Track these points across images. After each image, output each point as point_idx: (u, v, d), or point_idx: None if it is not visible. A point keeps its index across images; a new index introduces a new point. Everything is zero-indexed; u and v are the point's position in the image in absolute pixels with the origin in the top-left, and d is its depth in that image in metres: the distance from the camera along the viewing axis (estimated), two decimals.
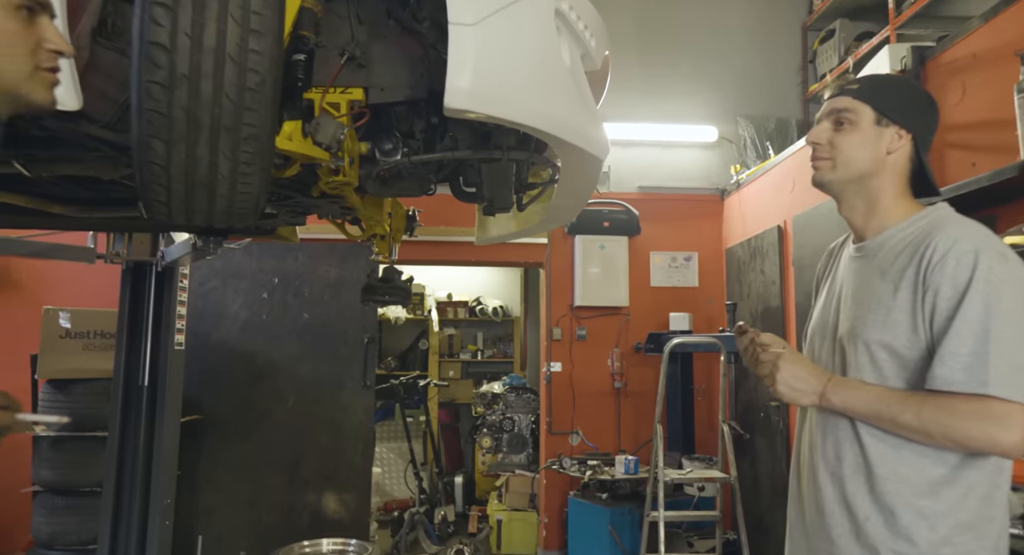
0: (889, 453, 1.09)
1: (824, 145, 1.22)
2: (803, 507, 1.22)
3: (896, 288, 1.11)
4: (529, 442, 4.75)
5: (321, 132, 1.53)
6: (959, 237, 1.07)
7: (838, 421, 1.15)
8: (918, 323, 1.08)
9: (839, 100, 1.22)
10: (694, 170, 4.56)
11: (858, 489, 1.11)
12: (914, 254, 1.11)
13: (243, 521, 3.94)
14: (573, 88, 1.55)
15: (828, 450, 1.17)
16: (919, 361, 1.08)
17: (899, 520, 1.07)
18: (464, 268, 6.56)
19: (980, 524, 1.07)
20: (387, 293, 2.56)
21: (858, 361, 1.14)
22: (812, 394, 1.13)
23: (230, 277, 4.20)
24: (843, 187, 1.22)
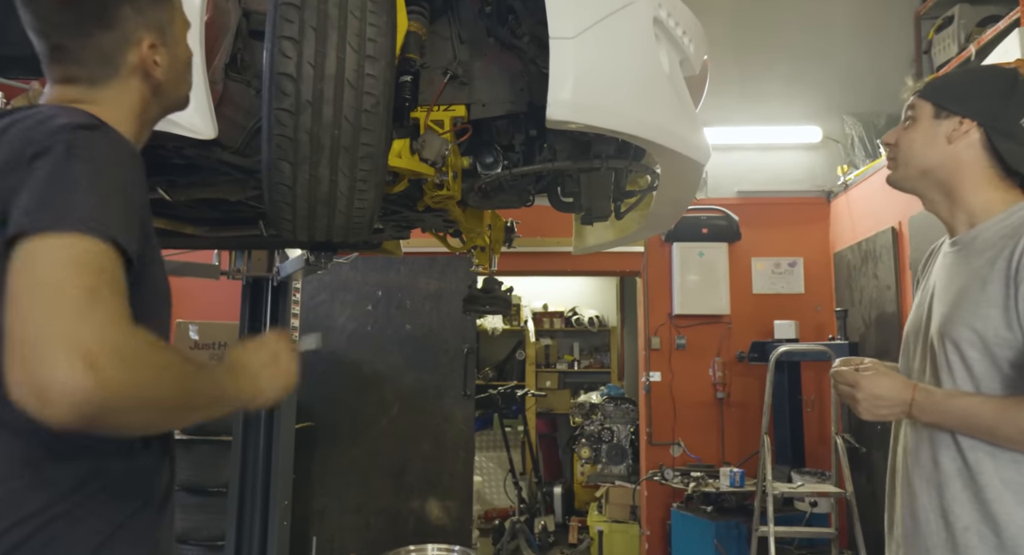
0: (989, 458, 1.04)
1: (893, 145, 1.24)
2: (897, 515, 1.18)
3: (985, 282, 1.06)
4: (628, 453, 4.69)
5: (427, 149, 1.61)
6: None
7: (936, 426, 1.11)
8: (1012, 319, 1.02)
9: (911, 99, 1.23)
10: (797, 172, 4.38)
11: (956, 496, 1.06)
12: (1005, 246, 1.05)
13: (352, 524, 4.11)
14: (672, 94, 1.55)
15: (923, 455, 1.12)
16: (1014, 359, 1.02)
17: (1002, 531, 1.01)
18: (559, 279, 6.59)
19: None
20: (488, 303, 2.62)
21: (948, 361, 1.09)
22: (900, 414, 1.12)
23: (338, 290, 4.42)
24: (913, 184, 1.23)
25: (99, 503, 0.77)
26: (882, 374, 1.13)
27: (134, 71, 0.89)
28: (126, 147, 0.80)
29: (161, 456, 0.87)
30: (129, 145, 0.81)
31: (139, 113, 0.91)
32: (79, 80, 0.87)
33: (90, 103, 0.85)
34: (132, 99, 0.90)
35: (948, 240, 1.22)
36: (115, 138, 0.79)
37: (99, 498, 0.76)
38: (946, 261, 1.19)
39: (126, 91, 0.89)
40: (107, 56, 0.87)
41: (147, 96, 0.91)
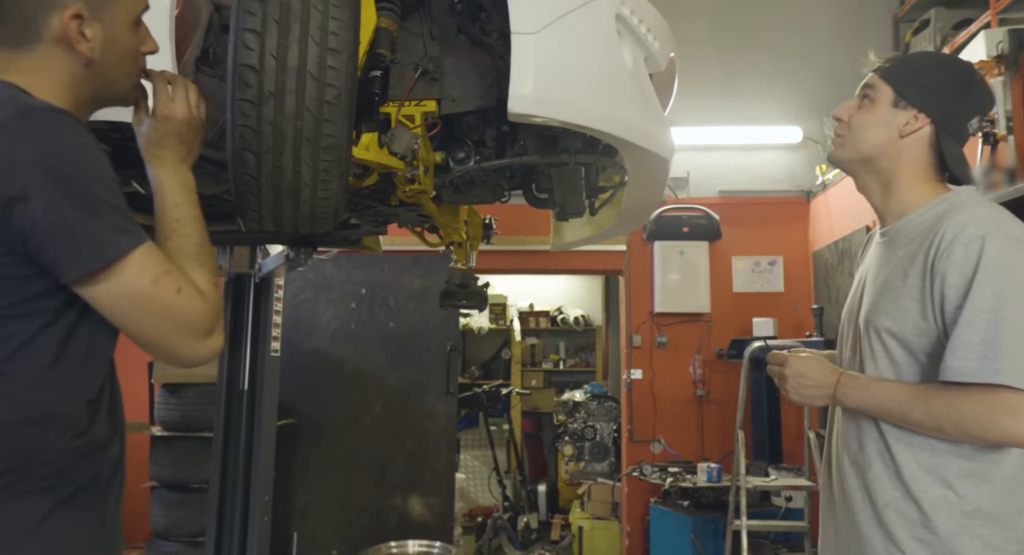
0: (905, 440, 1.09)
1: (844, 122, 1.22)
2: (832, 495, 1.23)
3: (906, 274, 1.09)
4: (611, 450, 4.73)
5: (396, 142, 1.63)
6: (967, 223, 1.04)
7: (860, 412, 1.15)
8: (927, 310, 1.06)
9: (870, 77, 1.21)
10: (777, 172, 4.44)
11: (878, 476, 1.11)
12: (924, 240, 1.08)
13: (334, 521, 4.12)
14: (636, 90, 1.58)
15: (851, 439, 1.17)
16: (930, 350, 1.07)
17: (919, 507, 1.06)
18: (545, 279, 6.62)
19: (1006, 517, 1.05)
20: (464, 298, 2.65)
21: (873, 349, 1.13)
22: (824, 397, 1.15)
23: (321, 288, 4.43)
24: (853, 167, 1.23)
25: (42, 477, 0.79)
26: (812, 358, 1.18)
27: (58, 41, 0.87)
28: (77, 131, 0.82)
29: (110, 432, 0.88)
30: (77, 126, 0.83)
31: (69, 87, 0.90)
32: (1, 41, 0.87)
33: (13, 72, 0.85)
34: (58, 71, 0.88)
35: (879, 230, 1.24)
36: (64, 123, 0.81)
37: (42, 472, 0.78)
38: (877, 251, 1.23)
39: (51, 60, 0.88)
40: (27, 17, 0.86)
41: (76, 72, 0.90)
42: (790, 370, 1.15)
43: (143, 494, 3.67)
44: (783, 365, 1.16)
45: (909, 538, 1.07)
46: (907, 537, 1.07)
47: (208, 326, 0.89)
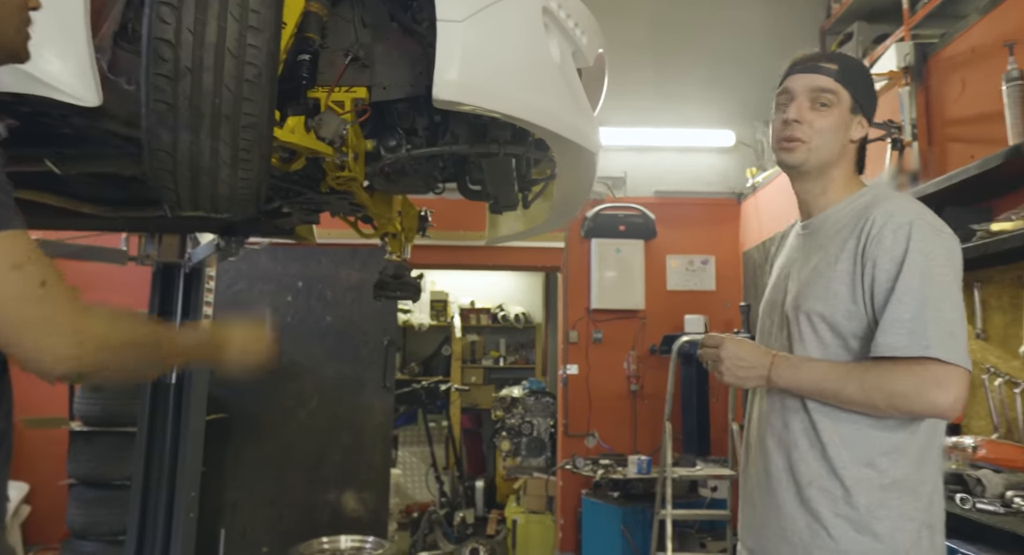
0: (831, 419, 1.12)
1: (806, 124, 1.20)
2: (752, 478, 1.25)
3: (836, 260, 1.14)
4: (548, 445, 4.78)
5: (324, 127, 1.63)
6: (895, 211, 1.11)
7: (785, 392, 1.18)
8: (857, 294, 1.11)
9: (820, 78, 1.20)
10: (711, 175, 4.58)
11: (803, 455, 1.14)
12: (854, 228, 1.14)
13: (265, 517, 4.05)
14: (562, 83, 1.62)
15: (775, 419, 1.20)
16: (858, 332, 1.12)
17: (841, 484, 1.10)
18: (487, 276, 6.64)
19: (915, 487, 1.10)
20: (398, 289, 2.64)
21: (802, 333, 1.17)
22: (758, 378, 1.16)
23: (256, 280, 4.34)
24: (809, 169, 1.22)
25: None
26: (747, 340, 1.21)
27: None
28: None
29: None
30: None
31: None
32: None
33: None
34: None
35: (800, 223, 1.30)
36: None
37: None
38: (798, 242, 1.28)
39: None
40: None
41: None
42: (726, 352, 1.16)
43: (60, 492, 3.53)
44: (719, 347, 1.17)
45: (831, 514, 1.10)
46: (829, 513, 1.10)
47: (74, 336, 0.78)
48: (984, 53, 2.09)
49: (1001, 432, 1.89)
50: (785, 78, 1.25)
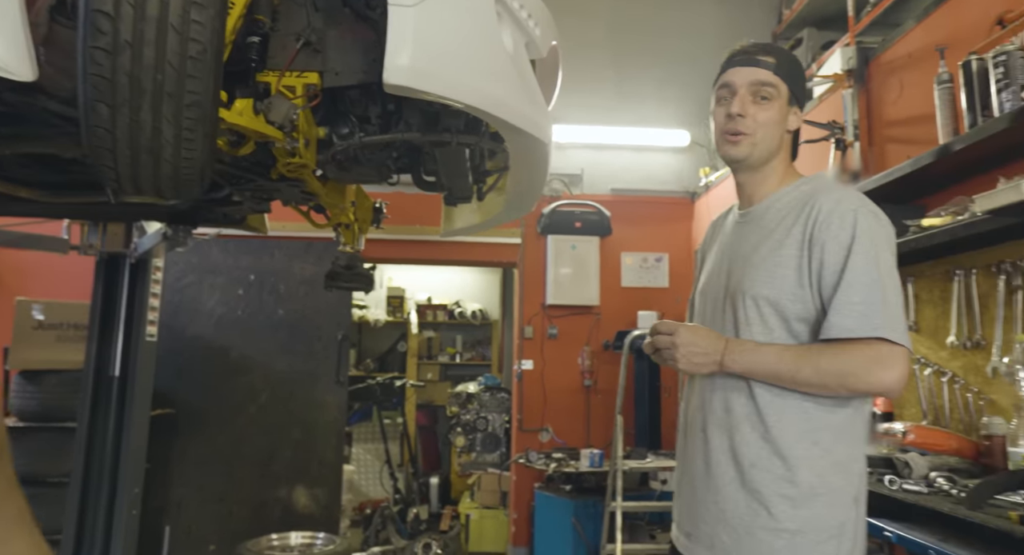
0: (777, 401, 1.15)
1: (749, 118, 1.23)
2: (689, 464, 1.26)
3: (781, 245, 1.18)
4: (502, 441, 4.80)
5: (274, 111, 1.61)
6: (841, 199, 1.16)
7: (731, 376, 1.19)
8: (803, 278, 1.14)
9: (759, 72, 1.24)
10: (666, 174, 4.66)
11: (745, 438, 1.16)
12: (799, 214, 1.18)
13: (213, 515, 3.96)
14: (514, 72, 1.63)
15: (716, 404, 1.21)
16: (802, 314, 1.15)
17: (784, 464, 1.13)
18: (444, 272, 6.63)
19: (850, 464, 1.14)
20: (350, 279, 2.62)
21: (747, 316, 1.19)
22: (712, 364, 1.16)
23: (206, 273, 4.25)
24: (755, 162, 1.26)
25: None
26: (700, 327, 1.22)
27: None
28: None
29: None
30: None
31: None
32: None
33: None
34: None
35: (738, 212, 1.33)
36: None
37: None
38: (739, 230, 1.31)
39: None
40: None
41: None
42: (681, 339, 1.16)
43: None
44: (673, 334, 1.17)
45: (773, 494, 1.12)
46: (771, 493, 1.12)
47: None
48: (919, 58, 2.19)
49: (930, 419, 1.97)
50: (724, 71, 1.29)
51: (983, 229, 1.58)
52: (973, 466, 1.63)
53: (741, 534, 1.14)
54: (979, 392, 1.84)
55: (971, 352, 1.88)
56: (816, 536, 1.10)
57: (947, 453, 1.65)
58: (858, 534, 1.14)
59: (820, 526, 1.10)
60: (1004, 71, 1.61)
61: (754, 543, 1.12)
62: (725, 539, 1.16)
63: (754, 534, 1.13)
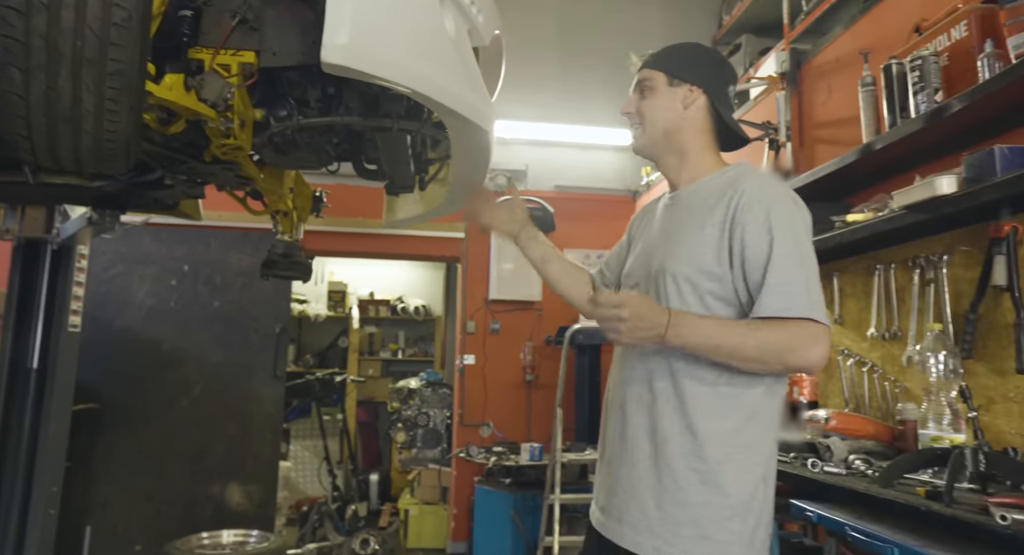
0: (693, 378, 1.18)
1: (634, 113, 1.36)
2: (610, 439, 1.29)
3: (703, 226, 1.22)
4: (444, 437, 4.78)
5: (207, 88, 1.56)
6: (763, 185, 1.21)
7: (651, 354, 1.22)
8: (722, 258, 1.18)
9: (641, 72, 1.36)
10: (610, 172, 4.73)
11: (662, 414, 1.19)
12: (721, 198, 1.22)
13: (140, 514, 3.81)
14: (456, 58, 1.62)
15: (636, 382, 1.24)
16: (717, 292, 1.19)
17: (694, 439, 1.16)
18: (387, 267, 6.55)
19: (756, 443, 1.17)
20: (287, 268, 2.56)
21: (666, 293, 1.23)
22: (654, 337, 1.16)
23: (136, 263, 4.09)
24: (657, 148, 1.34)
25: None
26: (645, 298, 1.20)
27: None
28: None
29: None
30: None
31: None
32: None
33: None
34: None
35: (668, 195, 1.38)
36: None
37: None
38: (666, 215, 1.35)
39: None
40: None
41: None
42: (628, 311, 1.14)
43: None
44: (621, 306, 1.15)
45: (682, 468, 1.15)
46: (681, 467, 1.15)
47: None
48: (846, 62, 2.29)
49: (851, 406, 2.07)
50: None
51: (900, 224, 1.67)
52: (888, 449, 1.71)
53: (650, 508, 1.16)
54: (895, 380, 1.93)
55: (889, 343, 1.98)
56: (721, 512, 1.13)
57: (865, 437, 1.73)
58: (764, 513, 1.17)
59: (726, 502, 1.13)
60: (920, 75, 1.70)
61: (662, 516, 1.15)
62: (635, 512, 1.18)
63: (662, 508, 1.15)
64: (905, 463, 1.42)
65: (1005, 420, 1.58)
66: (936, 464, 1.39)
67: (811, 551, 2.04)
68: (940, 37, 1.71)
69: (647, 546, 1.15)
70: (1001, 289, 1.55)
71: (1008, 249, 1.51)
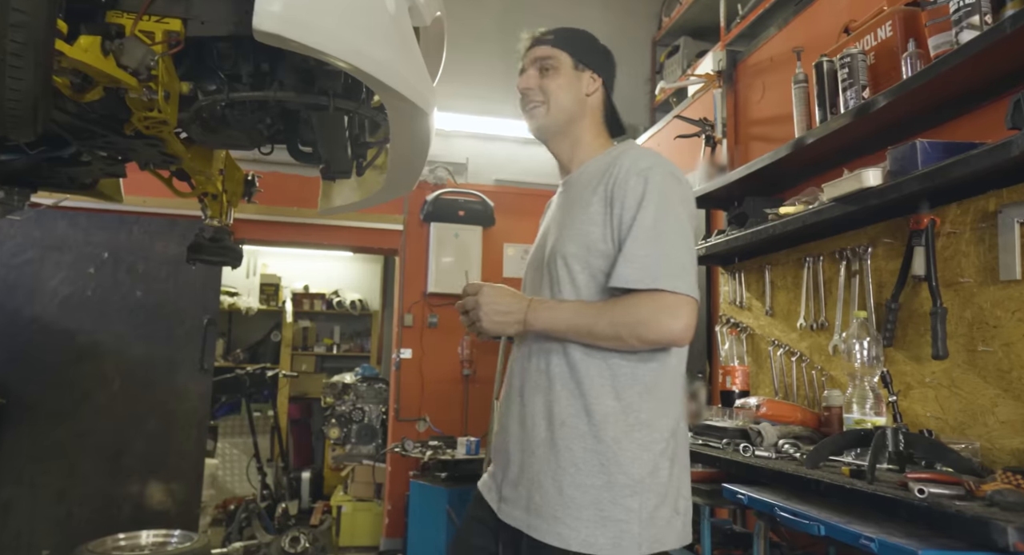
0: (587, 359, 1.17)
1: (536, 89, 1.33)
2: (509, 427, 1.26)
3: (588, 205, 1.22)
4: (379, 432, 4.69)
5: (127, 54, 1.47)
6: (638, 158, 1.22)
7: (546, 338, 1.21)
8: (607, 234, 1.19)
9: (539, 49, 1.34)
10: (550, 167, 4.67)
11: (558, 397, 1.18)
12: (603, 175, 1.23)
13: (49, 516, 3.59)
14: (395, 34, 1.58)
15: (533, 367, 1.22)
16: (607, 269, 1.18)
17: (590, 420, 1.15)
18: (323, 260, 6.40)
19: (654, 420, 1.16)
20: (216, 253, 2.45)
21: (559, 276, 1.22)
22: (516, 323, 1.17)
23: (50, 249, 3.84)
24: (555, 129, 1.33)
25: None
26: (504, 287, 1.22)
27: None
28: None
29: None
30: None
31: None
32: None
33: None
34: None
35: (562, 181, 1.38)
36: None
37: None
38: (560, 200, 1.36)
39: None
40: None
41: None
42: (484, 298, 1.15)
43: None
44: (477, 294, 1.16)
45: (582, 450, 1.14)
46: (579, 449, 1.14)
47: None
48: (780, 61, 2.36)
49: (780, 395, 2.13)
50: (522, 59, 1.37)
51: (829, 216, 1.72)
52: (815, 434, 1.77)
53: (551, 493, 1.14)
54: (822, 369, 2.00)
55: (816, 333, 2.04)
56: (621, 490, 1.12)
57: (794, 423, 1.79)
58: (670, 493, 1.15)
59: (624, 481, 1.12)
60: (849, 72, 1.77)
61: (563, 501, 1.13)
62: (538, 499, 1.16)
63: (564, 492, 1.13)
64: (830, 444, 1.46)
65: (921, 404, 1.65)
66: (860, 445, 1.44)
67: (740, 537, 2.09)
68: (867, 37, 1.78)
69: (552, 533, 1.12)
70: (920, 279, 1.62)
71: (927, 240, 1.58)
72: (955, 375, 1.57)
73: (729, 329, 2.41)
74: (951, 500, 1.10)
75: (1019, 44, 1.30)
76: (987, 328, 1.50)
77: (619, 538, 1.09)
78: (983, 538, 0.97)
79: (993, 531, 0.96)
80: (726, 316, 2.47)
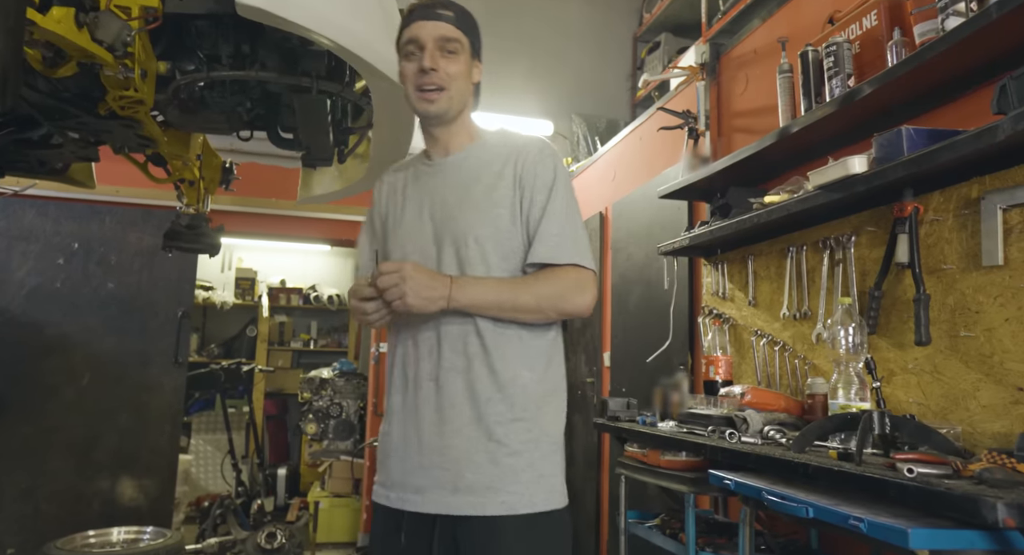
0: (499, 333, 1.22)
1: (441, 72, 1.26)
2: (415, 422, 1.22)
3: (495, 188, 1.27)
4: (357, 428, 4.64)
5: (102, 28, 1.42)
6: (542, 146, 1.31)
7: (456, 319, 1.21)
8: (516, 215, 1.26)
9: (443, 27, 1.27)
10: None
11: (479, 375, 1.21)
12: (507, 160, 1.28)
13: (14, 513, 3.50)
14: (380, 13, 1.56)
15: (447, 349, 1.21)
16: (517, 249, 1.26)
17: (513, 391, 1.21)
18: (300, 255, 6.32)
19: (558, 386, 1.29)
20: (192, 240, 2.40)
21: (470, 256, 1.24)
22: (441, 298, 1.16)
23: (17, 239, 3.74)
24: (451, 118, 1.31)
25: None
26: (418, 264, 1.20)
27: None
28: None
29: None
30: None
31: None
32: None
33: None
34: None
35: (428, 161, 1.35)
36: None
37: None
38: (435, 180, 1.32)
39: None
40: None
41: None
42: (408, 274, 1.13)
43: None
44: (400, 271, 1.14)
45: (509, 420, 1.19)
46: (509, 420, 1.19)
47: None
48: (764, 53, 2.37)
49: (764, 384, 2.14)
50: (407, 26, 1.29)
51: (814, 204, 1.73)
52: (799, 421, 1.77)
53: (486, 466, 1.17)
54: (804, 358, 2.01)
55: (799, 322, 2.05)
56: (548, 447, 1.23)
57: (778, 411, 1.79)
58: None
59: (548, 440, 1.24)
60: (834, 61, 1.78)
61: (499, 472, 1.17)
62: (470, 477, 1.17)
63: (499, 462, 1.18)
64: (816, 429, 1.47)
65: (903, 390, 1.67)
66: (845, 429, 1.44)
67: (723, 526, 2.09)
68: (852, 26, 1.79)
69: (494, 503, 1.16)
70: (903, 266, 1.64)
71: (910, 228, 1.59)
72: (937, 361, 1.59)
73: (712, 320, 2.41)
74: (940, 479, 1.11)
75: (1005, 30, 1.31)
76: (969, 314, 1.52)
77: (552, 490, 1.21)
78: (973, 515, 0.98)
79: (983, 507, 0.96)
80: (709, 307, 2.47)
